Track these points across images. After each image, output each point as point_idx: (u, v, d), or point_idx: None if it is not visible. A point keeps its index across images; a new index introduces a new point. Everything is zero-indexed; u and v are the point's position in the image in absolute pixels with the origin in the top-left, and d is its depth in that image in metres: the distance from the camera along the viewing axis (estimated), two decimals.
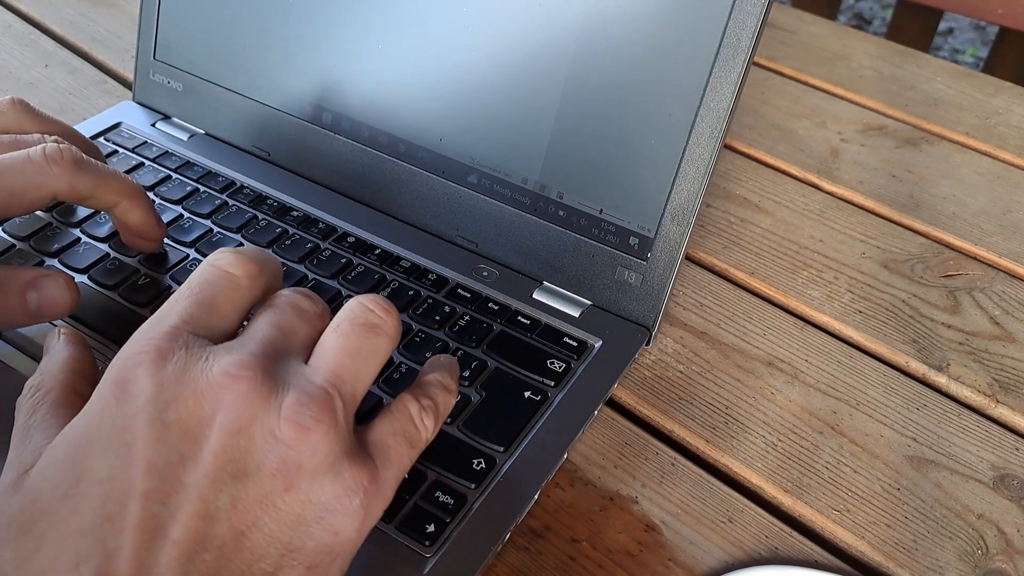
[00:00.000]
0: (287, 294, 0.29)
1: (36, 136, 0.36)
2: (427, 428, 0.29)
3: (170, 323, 0.26)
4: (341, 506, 0.25)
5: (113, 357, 0.26)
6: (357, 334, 0.27)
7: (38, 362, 0.35)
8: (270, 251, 0.37)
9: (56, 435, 0.26)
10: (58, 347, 0.30)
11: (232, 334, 0.28)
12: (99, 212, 0.43)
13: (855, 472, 0.37)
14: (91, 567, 0.22)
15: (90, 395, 0.27)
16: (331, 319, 0.29)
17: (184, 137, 0.49)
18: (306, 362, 0.27)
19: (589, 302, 0.41)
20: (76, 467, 0.24)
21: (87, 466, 0.24)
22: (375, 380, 0.36)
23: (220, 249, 0.29)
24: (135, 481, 0.23)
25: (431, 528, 0.31)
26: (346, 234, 0.43)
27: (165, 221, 0.43)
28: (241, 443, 0.24)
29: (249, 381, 0.24)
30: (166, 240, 0.42)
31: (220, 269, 0.28)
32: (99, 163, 0.36)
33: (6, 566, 0.23)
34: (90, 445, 0.24)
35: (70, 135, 0.39)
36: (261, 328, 0.27)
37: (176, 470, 0.24)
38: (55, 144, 0.34)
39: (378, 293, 0.40)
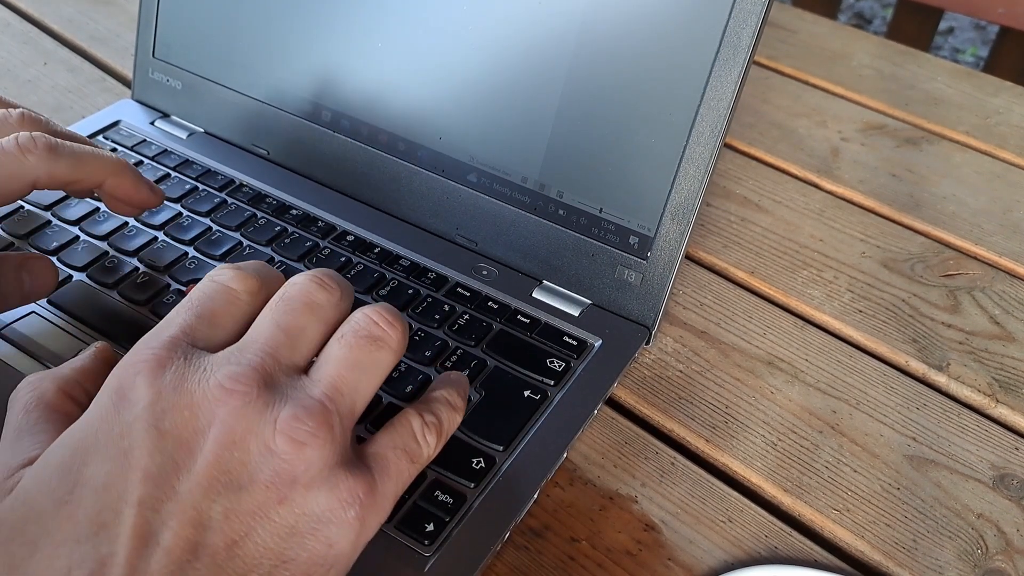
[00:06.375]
0: (301, 283, 0.28)
1: (0, 112, 0.35)
2: (429, 444, 0.28)
3: (169, 334, 0.26)
4: (336, 518, 0.25)
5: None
6: (360, 346, 0.27)
7: (38, 361, 0.36)
8: (272, 267, 0.35)
9: (46, 440, 0.25)
10: (81, 355, 0.30)
11: (234, 342, 0.27)
12: (98, 211, 0.43)
13: (855, 472, 0.37)
14: (83, 573, 0.22)
15: (85, 404, 0.27)
16: (349, 303, 0.29)
17: (183, 135, 0.49)
18: (313, 360, 0.27)
19: (589, 301, 0.41)
20: (72, 473, 0.24)
21: (83, 473, 0.24)
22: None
23: (221, 265, 0.29)
24: (130, 488, 0.23)
25: (430, 527, 0.31)
26: (345, 232, 0.43)
27: (164, 220, 0.43)
28: (236, 455, 0.24)
29: (244, 396, 0.24)
30: (165, 238, 0.42)
31: (220, 284, 0.28)
32: (75, 145, 0.35)
33: None
34: (87, 452, 0.24)
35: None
36: (265, 330, 0.27)
37: (170, 478, 0.24)
38: (27, 133, 0.34)
39: (378, 291, 0.40)
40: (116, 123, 0.50)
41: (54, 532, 0.23)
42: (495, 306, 0.40)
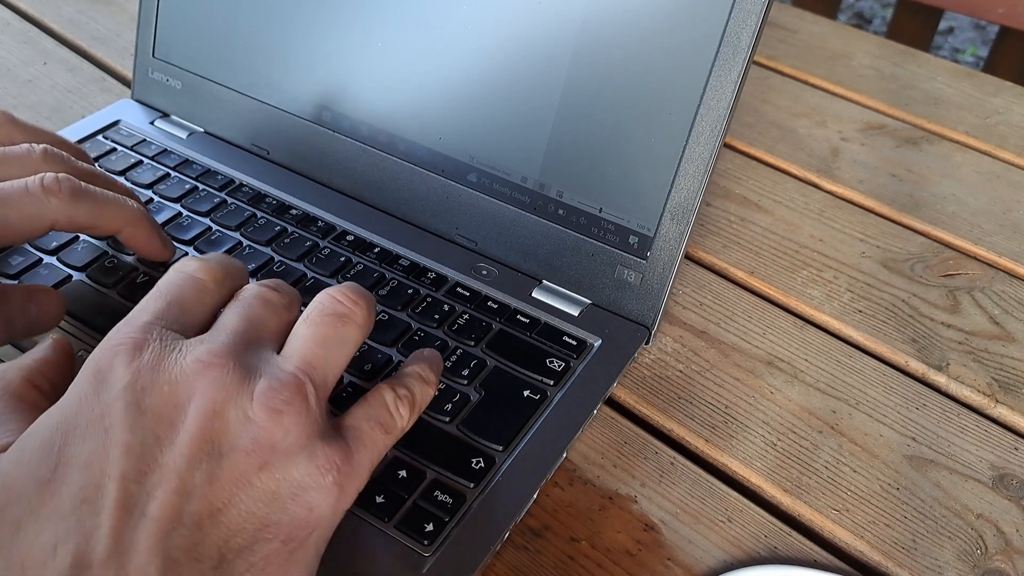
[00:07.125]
0: (253, 288, 0.30)
1: (24, 147, 0.35)
2: (402, 416, 0.30)
3: (143, 319, 0.27)
4: (315, 483, 0.26)
5: None
6: (327, 323, 0.28)
7: None
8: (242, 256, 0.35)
9: (16, 428, 0.26)
10: (40, 347, 0.31)
11: (202, 330, 0.28)
12: None
13: (854, 472, 0.37)
14: (69, 548, 0.23)
15: (50, 394, 0.28)
16: (300, 308, 0.30)
17: (183, 135, 0.49)
18: (278, 352, 0.28)
19: (589, 301, 0.41)
20: (53, 454, 0.24)
21: (64, 452, 0.24)
22: (368, 378, 0.36)
23: (185, 258, 0.30)
24: (113, 463, 0.24)
25: (430, 527, 0.31)
26: (345, 232, 0.43)
27: (164, 220, 0.43)
28: (216, 425, 0.25)
29: (221, 368, 0.26)
30: None
31: (186, 274, 0.30)
32: (98, 190, 0.36)
33: None
34: (67, 432, 0.25)
35: (59, 143, 0.38)
36: (230, 320, 0.28)
37: (152, 451, 0.24)
38: (53, 175, 0.34)
39: (378, 291, 0.40)
40: (116, 123, 0.50)
41: (37, 510, 0.24)
42: (495, 306, 0.40)
